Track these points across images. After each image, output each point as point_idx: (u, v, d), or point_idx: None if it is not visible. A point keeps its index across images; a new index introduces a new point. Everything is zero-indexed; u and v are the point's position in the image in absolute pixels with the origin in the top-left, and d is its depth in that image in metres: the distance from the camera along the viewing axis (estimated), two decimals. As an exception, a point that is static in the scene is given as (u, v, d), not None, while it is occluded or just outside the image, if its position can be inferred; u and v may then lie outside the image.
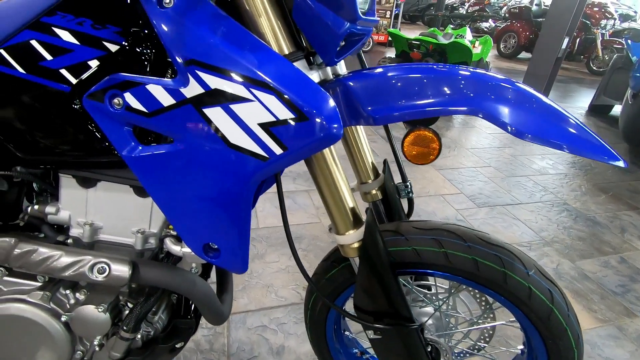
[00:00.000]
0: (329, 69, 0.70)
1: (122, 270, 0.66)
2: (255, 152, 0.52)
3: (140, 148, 0.58)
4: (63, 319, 0.70)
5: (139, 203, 0.70)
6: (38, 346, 0.72)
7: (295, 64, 0.58)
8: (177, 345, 0.79)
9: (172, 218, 0.60)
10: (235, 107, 0.52)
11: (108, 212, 0.70)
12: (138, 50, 0.57)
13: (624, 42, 4.26)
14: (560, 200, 2.52)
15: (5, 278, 0.70)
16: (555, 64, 4.73)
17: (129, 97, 0.55)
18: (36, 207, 0.69)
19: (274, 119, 0.51)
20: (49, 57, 0.57)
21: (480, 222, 2.17)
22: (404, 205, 0.98)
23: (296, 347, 1.32)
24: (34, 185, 0.71)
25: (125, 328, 0.69)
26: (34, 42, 0.57)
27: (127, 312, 0.73)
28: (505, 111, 0.60)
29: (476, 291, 0.90)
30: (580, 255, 1.98)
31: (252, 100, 0.51)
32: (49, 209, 0.69)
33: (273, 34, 0.57)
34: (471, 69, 0.66)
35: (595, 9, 8.03)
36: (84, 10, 0.57)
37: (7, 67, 0.58)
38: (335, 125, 0.50)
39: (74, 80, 0.58)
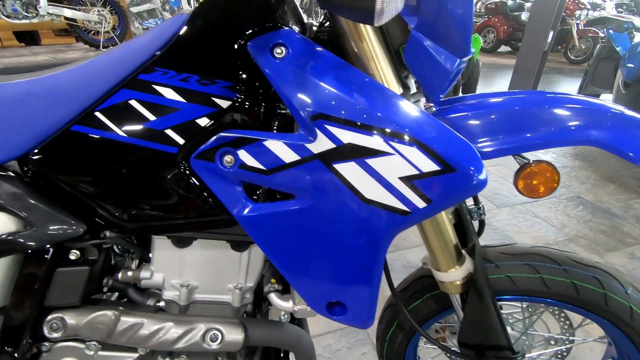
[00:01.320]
0: (422, 102, 0.68)
1: (235, 334, 0.62)
2: (395, 206, 0.50)
3: (253, 206, 0.55)
4: (169, 392, 0.65)
5: (235, 258, 0.66)
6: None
7: None
8: None
9: (293, 277, 0.56)
10: (372, 162, 0.49)
11: (204, 271, 0.66)
12: (249, 104, 0.54)
13: (605, 32, 4.40)
14: (574, 194, 2.56)
15: (100, 353, 0.65)
16: (542, 57, 4.84)
17: (243, 155, 0.52)
18: (129, 273, 0.64)
19: (417, 172, 0.48)
20: (152, 117, 0.53)
21: (504, 224, 2.19)
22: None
23: (357, 375, 1.28)
24: (116, 249, 0.66)
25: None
26: (133, 102, 0.53)
27: None
28: (619, 138, 0.59)
29: (555, 309, 0.90)
30: (606, 248, 2.01)
31: (391, 154, 0.48)
32: (144, 273, 0.64)
33: (385, 76, 0.55)
34: (568, 95, 0.65)
35: (569, 0, 8.30)
36: (186, 66, 0.53)
37: (104, 131, 0.54)
38: (481, 174, 0.48)
39: (181, 141, 0.54)
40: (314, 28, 0.63)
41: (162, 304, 0.68)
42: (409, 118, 0.48)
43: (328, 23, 0.60)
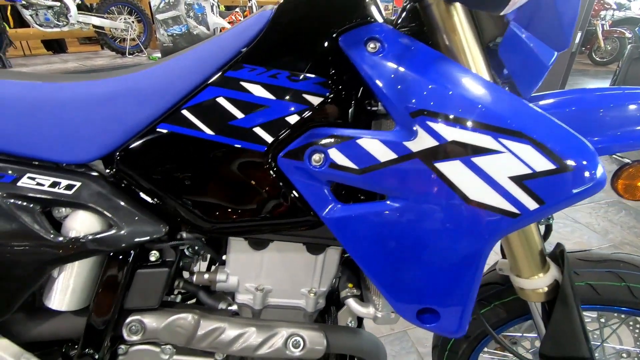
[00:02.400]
0: None
1: (318, 341, 0.59)
2: (503, 208, 0.47)
3: (342, 207, 0.52)
4: (250, 400, 0.63)
5: (310, 261, 0.64)
6: None
7: None
8: None
9: (382, 282, 0.54)
10: (479, 160, 0.46)
11: (279, 274, 0.64)
12: (340, 101, 0.52)
13: (635, 32, 4.27)
14: (614, 199, 2.46)
15: (176, 357, 0.64)
16: (569, 58, 4.72)
17: (334, 154, 0.50)
18: (205, 275, 0.63)
19: (530, 172, 0.45)
20: (240, 115, 0.52)
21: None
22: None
23: (404, 384, 1.24)
24: (187, 251, 0.65)
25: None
26: (221, 100, 0.52)
27: None
28: None
29: (630, 320, 0.84)
30: (655, 256, 1.92)
31: (501, 152, 0.45)
32: (220, 276, 0.62)
33: (478, 70, 0.52)
34: None
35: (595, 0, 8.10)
36: (275, 62, 0.51)
37: (191, 129, 0.53)
38: (598, 173, 0.45)
39: (269, 139, 0.52)
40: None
41: (234, 307, 0.66)
42: (520, 113, 0.45)
43: (409, 15, 0.58)
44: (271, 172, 0.53)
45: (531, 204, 0.46)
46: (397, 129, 0.48)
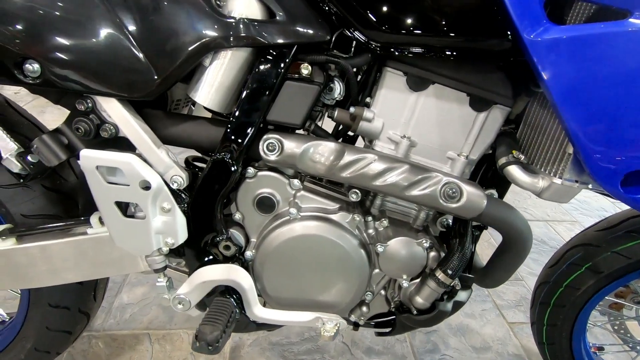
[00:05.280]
0: None
1: (477, 200, 0.52)
2: None
3: (557, 27, 0.42)
4: (379, 249, 0.58)
5: (469, 118, 0.55)
6: (332, 274, 0.61)
7: None
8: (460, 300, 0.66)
9: (586, 135, 0.43)
10: None
11: (430, 126, 0.56)
12: None
13: None
14: None
15: (303, 193, 0.60)
16: None
17: None
18: (352, 109, 0.56)
19: None
20: None
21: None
22: None
23: (478, 328, 1.16)
24: (325, 96, 0.57)
25: (450, 272, 0.56)
26: None
27: (432, 253, 0.60)
28: None
29: None
30: None
31: None
32: (367, 113, 0.55)
33: None
34: None
35: None
36: None
37: None
38: None
39: None
40: None
41: None
42: None
43: None
44: None
45: None
46: None
